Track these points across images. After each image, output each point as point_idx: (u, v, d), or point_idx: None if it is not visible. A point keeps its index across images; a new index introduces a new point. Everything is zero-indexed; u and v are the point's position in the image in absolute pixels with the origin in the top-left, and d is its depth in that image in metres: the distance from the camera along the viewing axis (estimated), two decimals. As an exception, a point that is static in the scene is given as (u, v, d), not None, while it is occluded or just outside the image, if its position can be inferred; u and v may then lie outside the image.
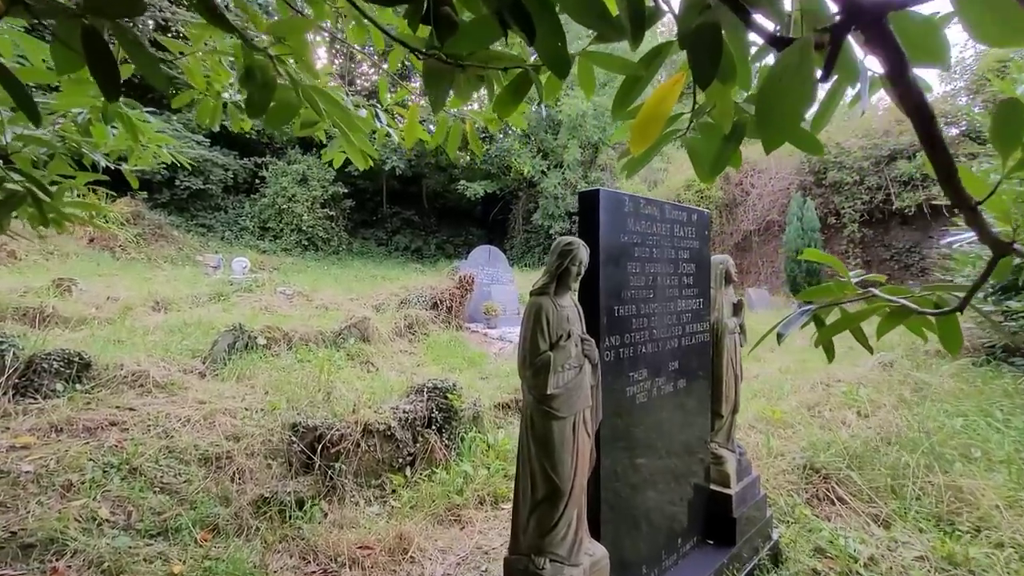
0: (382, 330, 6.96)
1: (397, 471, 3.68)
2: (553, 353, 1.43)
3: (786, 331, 1.27)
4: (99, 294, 7.44)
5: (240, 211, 17.47)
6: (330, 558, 2.78)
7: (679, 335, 2.09)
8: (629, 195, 1.83)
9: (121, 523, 2.83)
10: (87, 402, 3.81)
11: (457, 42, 0.88)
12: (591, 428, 1.55)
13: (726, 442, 2.40)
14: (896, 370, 5.18)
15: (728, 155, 1.19)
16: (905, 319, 1.09)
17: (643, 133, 1.17)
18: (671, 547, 2.07)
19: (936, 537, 2.69)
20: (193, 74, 2.19)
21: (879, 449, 3.50)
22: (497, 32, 0.88)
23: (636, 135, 1.16)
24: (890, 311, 1.09)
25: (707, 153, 1.22)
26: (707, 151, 1.22)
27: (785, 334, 1.27)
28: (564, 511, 1.46)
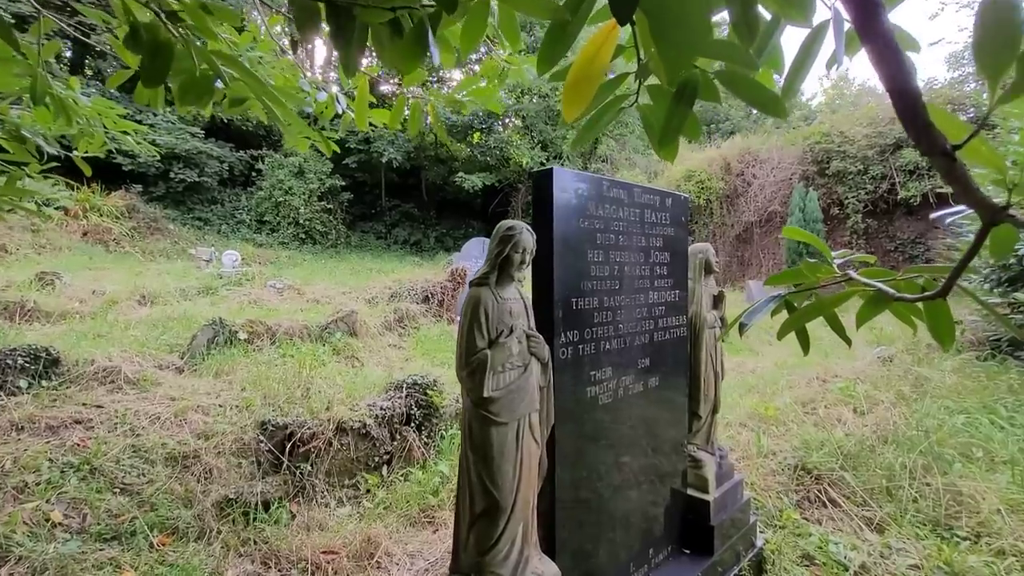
0: (371, 324, 6.82)
1: (372, 470, 3.54)
2: (491, 351, 1.27)
3: (750, 320, 1.10)
4: (84, 288, 7.33)
5: (236, 204, 17.34)
6: (292, 563, 2.65)
7: (651, 330, 1.92)
8: (591, 175, 1.66)
9: (74, 527, 2.71)
10: (53, 399, 3.69)
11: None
12: (539, 435, 1.39)
13: (705, 444, 2.24)
14: (896, 365, 5.00)
15: (680, 121, 1.01)
16: (888, 306, 0.92)
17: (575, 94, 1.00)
18: (641, 559, 1.91)
19: (933, 543, 2.53)
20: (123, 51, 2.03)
21: (875, 448, 3.34)
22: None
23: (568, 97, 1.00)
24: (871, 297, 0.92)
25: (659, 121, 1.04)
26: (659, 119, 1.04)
27: (749, 324, 1.10)
28: (506, 527, 1.31)
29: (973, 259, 0.64)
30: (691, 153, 14.73)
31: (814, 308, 0.92)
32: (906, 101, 0.42)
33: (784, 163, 12.81)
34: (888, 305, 0.92)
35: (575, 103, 0.98)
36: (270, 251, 15.98)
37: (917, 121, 0.42)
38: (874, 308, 0.94)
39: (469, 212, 21.72)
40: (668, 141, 1.03)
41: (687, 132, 1.05)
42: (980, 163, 0.55)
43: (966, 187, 0.51)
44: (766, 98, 0.92)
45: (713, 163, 13.81)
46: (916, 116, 0.42)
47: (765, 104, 0.93)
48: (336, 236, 18.32)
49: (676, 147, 1.06)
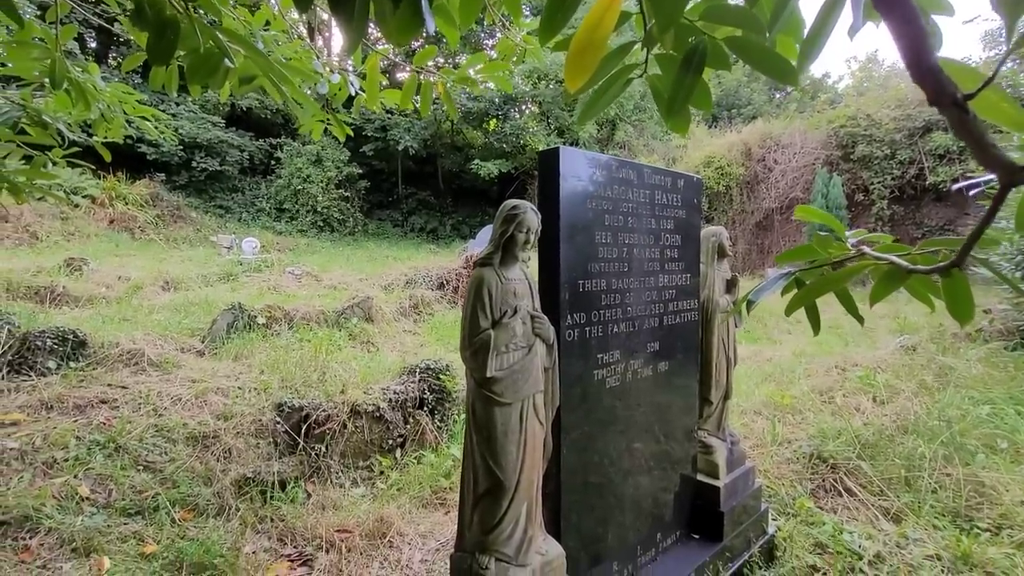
0: (386, 310, 6.89)
1: (386, 453, 3.60)
2: (495, 331, 1.27)
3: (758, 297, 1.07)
4: (110, 273, 7.54)
5: (257, 192, 17.59)
6: (307, 540, 2.72)
7: (660, 313, 1.90)
8: (599, 155, 1.63)
9: (100, 501, 2.81)
10: (80, 380, 3.82)
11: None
12: (544, 415, 1.39)
13: (716, 430, 2.21)
14: (919, 354, 4.86)
15: (688, 89, 0.98)
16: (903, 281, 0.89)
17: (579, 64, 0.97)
18: (649, 542, 1.91)
19: (951, 534, 2.47)
20: (136, 34, 2.05)
21: (894, 438, 3.26)
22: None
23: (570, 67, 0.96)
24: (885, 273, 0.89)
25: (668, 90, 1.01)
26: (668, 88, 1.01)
27: (756, 300, 1.07)
28: (510, 507, 1.31)
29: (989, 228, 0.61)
30: (711, 138, 14.42)
31: (823, 283, 0.89)
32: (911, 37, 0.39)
33: (807, 148, 12.46)
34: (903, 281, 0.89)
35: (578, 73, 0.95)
36: (289, 238, 16.20)
37: (922, 64, 0.39)
38: (888, 284, 0.90)
39: (485, 199, 21.68)
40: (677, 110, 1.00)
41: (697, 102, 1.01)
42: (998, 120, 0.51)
43: (980, 142, 0.48)
44: (778, 65, 0.89)
45: (733, 148, 13.50)
46: (921, 58, 0.40)
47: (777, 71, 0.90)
48: (353, 224, 18.48)
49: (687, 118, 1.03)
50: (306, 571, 2.55)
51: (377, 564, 2.58)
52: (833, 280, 0.89)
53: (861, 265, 0.87)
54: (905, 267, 0.76)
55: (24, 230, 10.66)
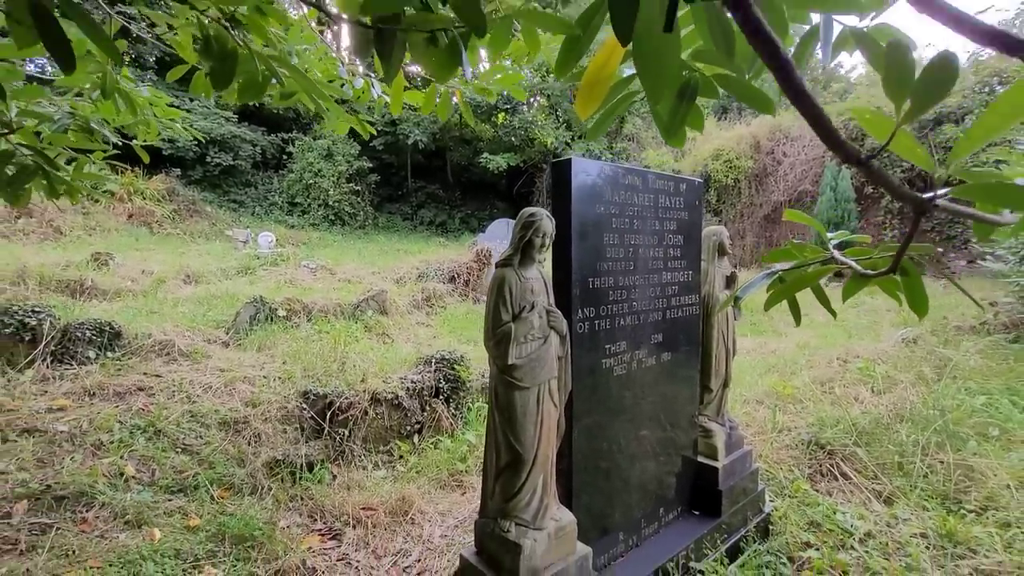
0: (400, 303, 7.09)
1: (404, 438, 3.81)
2: (515, 324, 1.45)
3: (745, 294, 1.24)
4: (134, 267, 7.81)
5: (269, 187, 17.85)
6: (336, 517, 2.94)
7: (664, 308, 2.06)
8: (607, 163, 1.79)
9: (145, 480, 3.05)
10: (118, 369, 4.06)
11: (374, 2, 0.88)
12: (558, 399, 1.57)
13: (716, 416, 2.38)
14: (920, 346, 4.98)
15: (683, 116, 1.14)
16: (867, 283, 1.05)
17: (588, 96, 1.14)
18: (652, 515, 2.09)
19: (939, 515, 2.63)
20: (183, 48, 2.23)
21: (890, 426, 3.41)
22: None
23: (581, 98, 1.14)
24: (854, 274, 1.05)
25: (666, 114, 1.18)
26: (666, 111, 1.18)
27: (743, 297, 1.24)
28: (528, 478, 1.50)
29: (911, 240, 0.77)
30: (720, 131, 14.42)
31: (796, 282, 1.06)
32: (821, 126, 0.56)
33: (816, 141, 12.42)
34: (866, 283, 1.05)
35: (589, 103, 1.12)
36: (301, 232, 16.46)
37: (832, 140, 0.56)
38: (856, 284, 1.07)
39: (494, 193, 21.80)
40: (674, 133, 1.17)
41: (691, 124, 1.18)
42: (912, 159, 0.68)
43: (889, 185, 0.65)
44: (758, 98, 1.05)
45: (742, 141, 13.51)
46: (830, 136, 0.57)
47: (758, 103, 1.06)
48: (364, 217, 18.70)
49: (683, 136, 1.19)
50: (336, 544, 2.77)
51: (401, 539, 2.79)
52: (805, 279, 1.05)
53: (829, 268, 1.03)
54: (860, 271, 0.93)
55: (48, 225, 10.98)
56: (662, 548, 2.01)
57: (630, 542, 1.99)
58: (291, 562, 2.50)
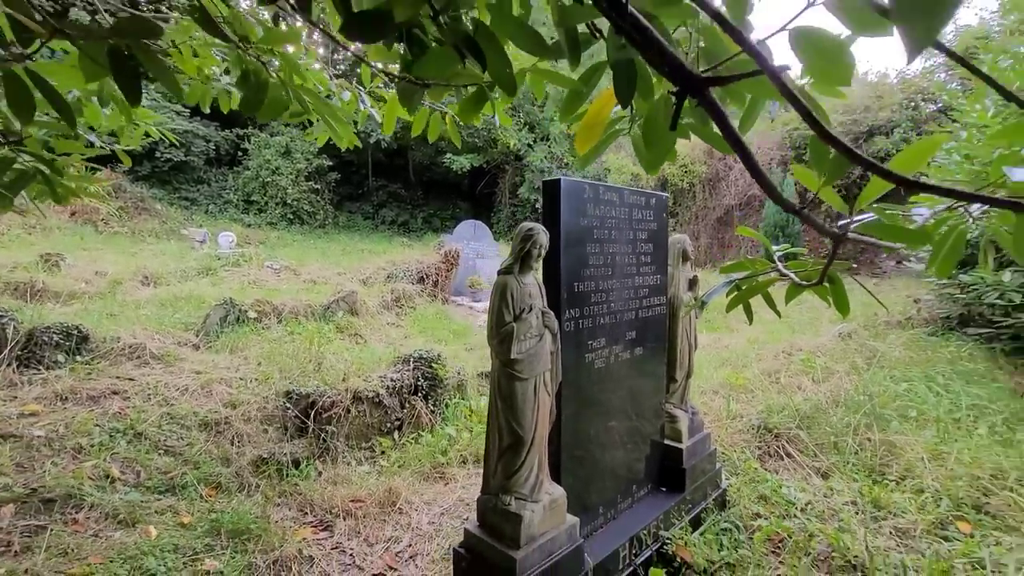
0: (370, 303, 7.15)
1: (386, 434, 3.95)
2: (516, 324, 1.67)
3: (708, 299, 1.51)
4: (86, 268, 7.51)
5: (223, 184, 17.28)
6: (326, 510, 3.07)
7: (636, 308, 2.33)
8: (590, 183, 2.04)
9: (131, 481, 3.07)
10: (88, 373, 4.00)
11: (422, 67, 1.07)
12: (551, 388, 1.80)
13: (680, 403, 2.68)
14: (854, 340, 5.54)
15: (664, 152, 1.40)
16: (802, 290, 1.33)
17: (586, 136, 1.38)
18: (627, 492, 2.36)
19: (866, 485, 3.04)
20: (184, 62, 2.32)
21: (827, 411, 3.85)
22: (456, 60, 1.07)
23: (580, 137, 1.38)
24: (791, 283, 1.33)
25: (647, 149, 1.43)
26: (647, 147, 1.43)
27: (708, 301, 1.51)
28: (526, 457, 1.72)
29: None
30: (675, 137, 15.05)
31: (751, 290, 1.33)
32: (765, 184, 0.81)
33: (763, 148, 13.27)
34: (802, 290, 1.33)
35: (587, 141, 1.35)
36: (259, 231, 16.05)
37: (773, 195, 0.82)
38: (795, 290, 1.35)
39: (457, 193, 21.87)
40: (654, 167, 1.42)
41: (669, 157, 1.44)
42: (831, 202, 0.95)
43: (817, 226, 0.91)
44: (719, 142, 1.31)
45: (697, 147, 14.21)
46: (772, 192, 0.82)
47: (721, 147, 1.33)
48: (324, 216, 18.40)
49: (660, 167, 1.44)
50: (328, 535, 2.90)
51: (390, 527, 2.96)
52: (757, 288, 1.32)
53: (775, 279, 1.31)
54: (797, 282, 1.20)
55: (-18, 223, 10.30)
56: (636, 520, 2.28)
57: (608, 515, 2.25)
58: (288, 552, 2.62)
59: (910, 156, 0.88)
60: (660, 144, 0.90)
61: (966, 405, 3.81)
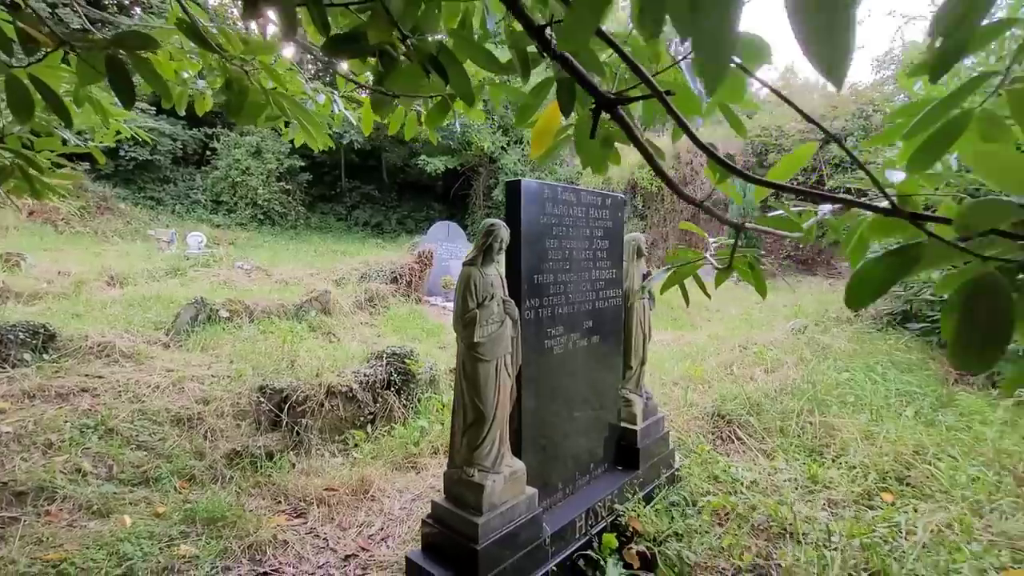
0: (343, 303, 7.21)
1: (359, 428, 4.06)
2: (479, 311, 1.84)
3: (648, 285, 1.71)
4: (49, 268, 7.34)
5: (191, 184, 16.92)
6: (299, 499, 3.17)
7: (593, 299, 2.53)
8: (548, 184, 2.23)
9: (103, 475, 3.11)
10: (56, 371, 3.99)
11: (392, 81, 1.24)
12: (512, 370, 1.98)
13: (635, 388, 2.90)
14: (806, 334, 5.90)
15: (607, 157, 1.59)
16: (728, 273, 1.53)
17: (539, 141, 1.57)
18: (584, 470, 2.56)
19: (805, 464, 3.32)
20: (162, 65, 2.41)
21: (776, 398, 4.14)
22: (422, 75, 1.24)
23: (535, 142, 1.56)
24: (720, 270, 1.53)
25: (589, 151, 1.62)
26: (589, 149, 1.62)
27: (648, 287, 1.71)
28: (488, 432, 1.89)
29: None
30: (644, 142, 15.49)
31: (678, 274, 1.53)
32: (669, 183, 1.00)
33: (727, 153, 13.80)
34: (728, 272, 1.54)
35: (540, 145, 1.54)
36: (228, 232, 15.77)
37: (676, 190, 1.01)
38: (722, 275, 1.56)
39: (431, 195, 21.90)
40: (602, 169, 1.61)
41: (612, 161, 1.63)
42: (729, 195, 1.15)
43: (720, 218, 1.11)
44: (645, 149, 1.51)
45: (665, 152, 14.65)
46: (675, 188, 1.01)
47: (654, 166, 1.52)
48: (295, 217, 18.20)
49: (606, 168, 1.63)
50: (302, 521, 3.01)
51: (363, 513, 3.08)
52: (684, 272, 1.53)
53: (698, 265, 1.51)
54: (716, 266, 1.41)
55: (-68, 222, 9.89)
56: (592, 494, 2.47)
57: (567, 490, 2.44)
58: (263, 537, 2.72)
59: (784, 165, 1.10)
60: (588, 148, 1.09)
61: (897, 391, 4.16)
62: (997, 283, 0.66)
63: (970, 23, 0.73)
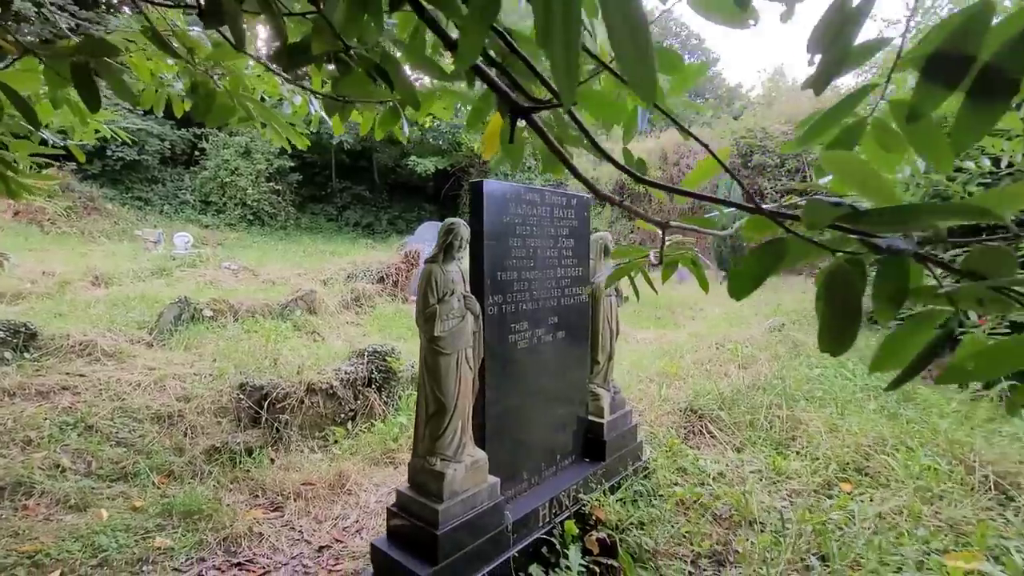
0: (329, 303, 7.26)
1: (339, 424, 4.12)
2: (439, 306, 1.92)
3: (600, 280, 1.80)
4: (33, 268, 7.34)
5: (180, 184, 16.87)
6: (277, 493, 3.23)
7: (559, 296, 2.62)
8: (511, 185, 2.31)
9: (82, 470, 3.16)
10: (36, 369, 4.02)
11: (341, 87, 1.31)
12: (473, 363, 2.06)
13: (603, 383, 2.99)
14: (781, 332, 6.03)
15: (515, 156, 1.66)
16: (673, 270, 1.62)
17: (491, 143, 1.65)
18: (550, 461, 2.64)
19: (771, 456, 3.42)
20: (138, 68, 2.47)
21: (747, 394, 4.24)
22: (368, 82, 1.32)
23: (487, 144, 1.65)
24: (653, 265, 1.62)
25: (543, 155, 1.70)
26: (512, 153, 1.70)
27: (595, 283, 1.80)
28: (449, 423, 1.97)
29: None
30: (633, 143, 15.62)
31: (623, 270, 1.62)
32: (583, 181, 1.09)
33: (714, 155, 13.97)
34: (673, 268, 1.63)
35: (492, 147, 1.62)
36: (217, 232, 15.74)
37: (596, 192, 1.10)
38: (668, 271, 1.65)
39: (422, 195, 21.94)
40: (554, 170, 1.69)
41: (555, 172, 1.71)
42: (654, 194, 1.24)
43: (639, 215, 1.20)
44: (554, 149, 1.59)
45: (652, 153, 14.83)
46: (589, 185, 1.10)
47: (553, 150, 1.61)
48: (285, 217, 18.18)
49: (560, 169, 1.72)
50: (279, 514, 3.07)
51: (339, 506, 3.15)
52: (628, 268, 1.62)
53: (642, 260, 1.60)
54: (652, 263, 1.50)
55: (-85, 222, 9.82)
56: (558, 484, 2.55)
57: (533, 481, 2.52)
58: (239, 530, 2.78)
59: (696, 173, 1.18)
60: (509, 151, 1.17)
61: (864, 386, 4.28)
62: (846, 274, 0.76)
63: (844, 40, 0.82)
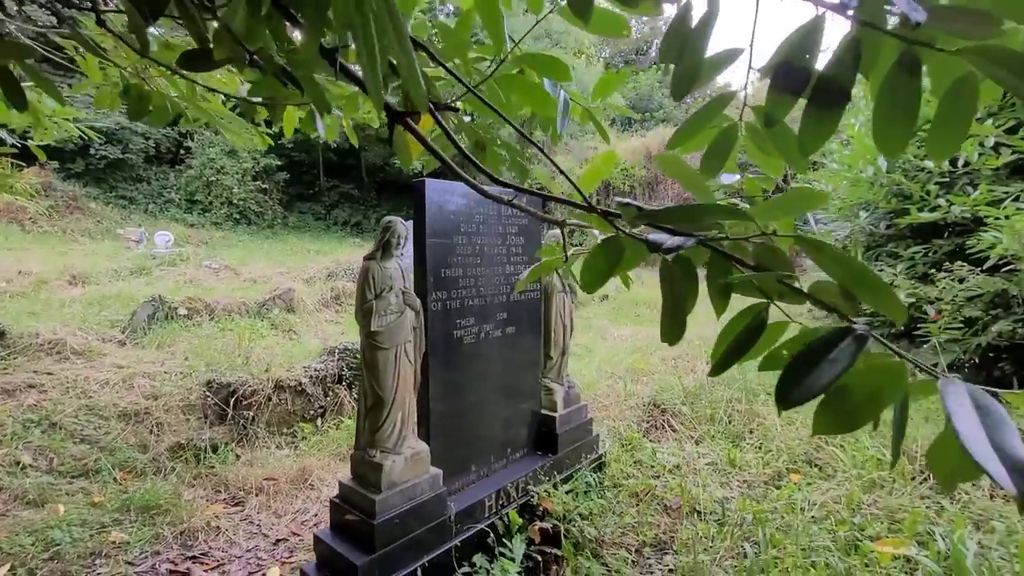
0: (308, 301, 7.27)
1: (308, 421, 4.16)
2: (376, 302, 1.97)
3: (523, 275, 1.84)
4: (9, 268, 7.30)
5: (164, 183, 16.76)
6: (239, 488, 3.27)
7: (507, 292, 2.68)
8: (452, 183, 2.36)
9: (43, 467, 3.19)
10: (3, 368, 4.03)
11: (254, 90, 1.36)
12: (412, 357, 2.11)
13: (556, 378, 3.05)
14: (752, 328, 6.11)
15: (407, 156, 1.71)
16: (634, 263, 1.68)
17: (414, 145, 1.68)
18: (501, 454, 2.70)
19: (726, 449, 3.50)
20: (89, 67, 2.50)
21: (710, 389, 4.32)
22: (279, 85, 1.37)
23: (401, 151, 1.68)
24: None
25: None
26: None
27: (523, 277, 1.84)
28: (388, 415, 2.02)
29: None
30: (617, 142, 15.76)
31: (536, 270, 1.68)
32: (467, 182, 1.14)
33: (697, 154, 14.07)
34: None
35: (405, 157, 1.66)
36: (203, 231, 15.67)
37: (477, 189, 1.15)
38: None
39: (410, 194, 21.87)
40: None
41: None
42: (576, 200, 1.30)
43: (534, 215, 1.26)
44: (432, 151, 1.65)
45: (636, 152, 14.92)
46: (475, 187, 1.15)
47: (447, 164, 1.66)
48: (272, 216, 18.11)
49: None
50: (239, 509, 3.11)
51: (300, 501, 3.19)
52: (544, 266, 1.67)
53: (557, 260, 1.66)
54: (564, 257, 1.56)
55: None
56: (507, 477, 2.61)
57: (481, 473, 2.58)
58: (197, 524, 2.82)
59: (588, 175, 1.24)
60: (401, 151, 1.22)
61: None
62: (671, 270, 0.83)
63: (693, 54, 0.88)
